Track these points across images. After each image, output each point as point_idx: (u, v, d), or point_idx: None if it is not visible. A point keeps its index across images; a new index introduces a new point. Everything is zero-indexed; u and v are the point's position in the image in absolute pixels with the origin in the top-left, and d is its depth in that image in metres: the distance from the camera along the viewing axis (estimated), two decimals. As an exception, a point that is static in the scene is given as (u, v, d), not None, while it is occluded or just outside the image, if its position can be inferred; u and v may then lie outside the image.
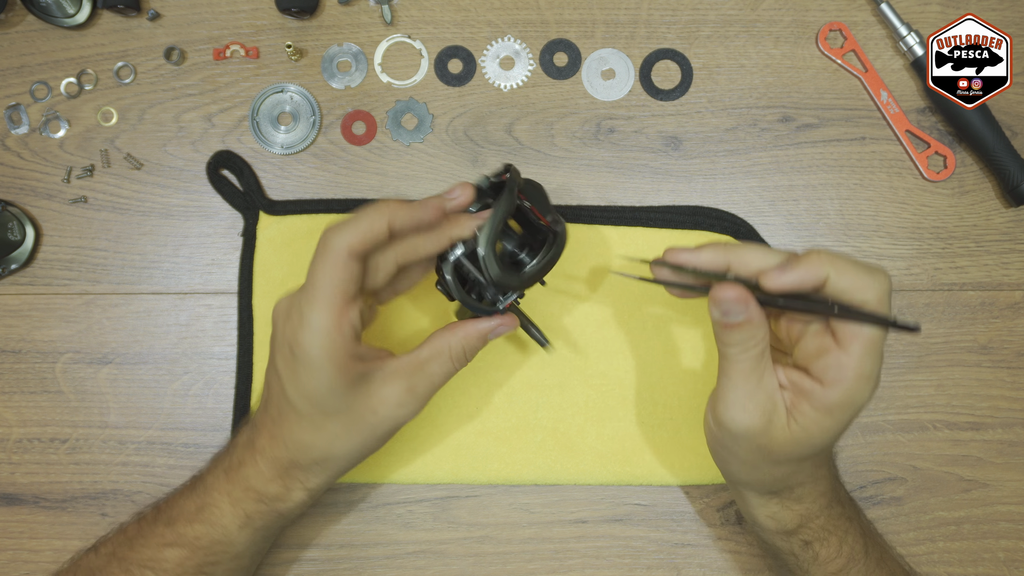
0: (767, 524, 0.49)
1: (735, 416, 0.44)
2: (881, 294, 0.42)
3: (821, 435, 0.43)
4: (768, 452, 0.45)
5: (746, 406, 0.44)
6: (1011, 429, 0.58)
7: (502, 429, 0.57)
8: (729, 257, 0.45)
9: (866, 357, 0.42)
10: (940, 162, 0.59)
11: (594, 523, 0.57)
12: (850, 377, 0.42)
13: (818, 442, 0.44)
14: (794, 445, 0.44)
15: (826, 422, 0.43)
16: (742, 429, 0.44)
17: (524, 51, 0.60)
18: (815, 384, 0.43)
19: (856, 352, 0.42)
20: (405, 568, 0.56)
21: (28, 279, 0.58)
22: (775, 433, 0.44)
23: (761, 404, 0.44)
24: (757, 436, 0.44)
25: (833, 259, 0.42)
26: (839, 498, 0.49)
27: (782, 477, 0.47)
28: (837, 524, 0.49)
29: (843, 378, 0.42)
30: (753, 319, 0.43)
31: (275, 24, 0.60)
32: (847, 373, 0.42)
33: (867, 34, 0.60)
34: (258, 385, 0.57)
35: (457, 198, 0.47)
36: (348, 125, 0.59)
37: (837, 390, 0.42)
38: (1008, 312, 0.58)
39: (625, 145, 0.59)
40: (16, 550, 0.57)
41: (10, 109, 0.59)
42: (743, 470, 0.47)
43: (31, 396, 0.58)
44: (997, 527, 0.57)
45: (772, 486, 0.47)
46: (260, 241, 0.57)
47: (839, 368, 0.42)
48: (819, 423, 0.43)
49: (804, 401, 0.43)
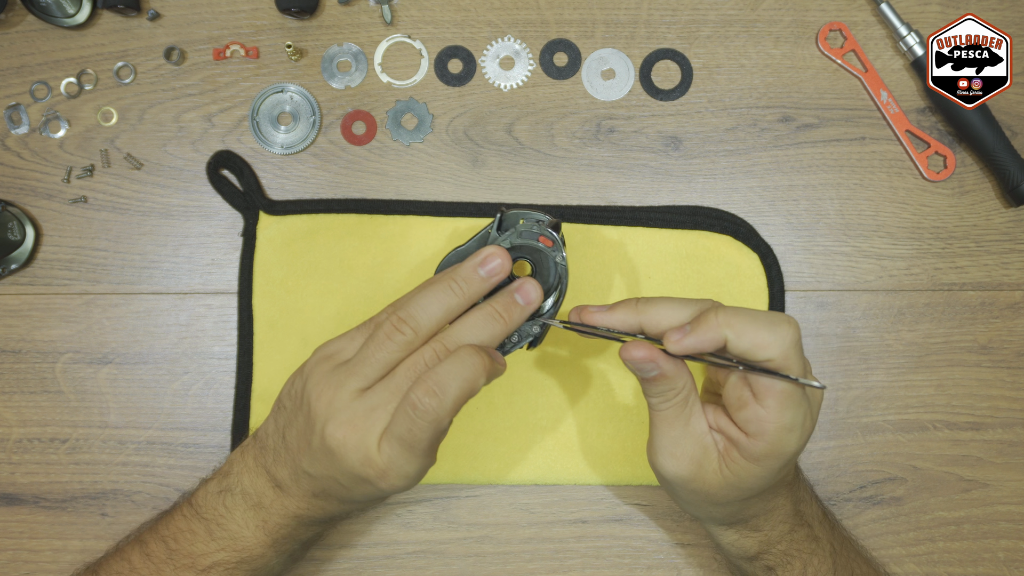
0: (729, 549, 0.50)
1: (664, 464, 0.45)
2: (785, 348, 0.41)
3: (753, 480, 0.44)
4: (705, 495, 0.45)
5: (674, 453, 0.44)
6: (1011, 429, 0.58)
7: (502, 429, 0.57)
8: (640, 318, 0.44)
9: (784, 410, 0.42)
10: (940, 162, 0.59)
11: (594, 523, 0.57)
12: (770, 431, 0.42)
13: (751, 486, 0.44)
14: (729, 489, 0.44)
15: (755, 470, 0.43)
16: (672, 476, 0.45)
17: (524, 51, 0.60)
18: (740, 434, 0.43)
19: (773, 406, 0.42)
20: (405, 568, 0.56)
21: (28, 279, 0.58)
22: (708, 478, 0.44)
23: (689, 451, 0.44)
24: (689, 482, 0.45)
25: (731, 319, 0.41)
26: (804, 520, 0.49)
27: (730, 513, 0.47)
28: (801, 547, 0.48)
29: (764, 431, 0.42)
30: (666, 373, 0.43)
31: (275, 24, 0.60)
32: (767, 427, 0.42)
33: (867, 34, 0.60)
34: (258, 385, 0.57)
35: (498, 275, 0.46)
36: (348, 125, 0.59)
37: (761, 442, 0.42)
38: (1008, 312, 0.58)
39: (625, 145, 0.59)
40: (16, 550, 0.57)
41: (10, 109, 0.59)
42: (690, 507, 0.48)
43: (31, 396, 0.58)
44: (997, 527, 0.57)
45: (723, 520, 0.48)
46: (260, 241, 0.57)
47: (759, 422, 0.42)
48: (749, 470, 0.43)
49: (733, 449, 0.44)
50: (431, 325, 0.44)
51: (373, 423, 0.42)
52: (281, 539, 0.47)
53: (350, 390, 0.43)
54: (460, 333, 0.44)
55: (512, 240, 0.47)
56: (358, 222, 0.58)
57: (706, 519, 0.49)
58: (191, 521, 0.48)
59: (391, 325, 0.44)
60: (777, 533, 0.48)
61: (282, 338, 0.57)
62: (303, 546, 0.49)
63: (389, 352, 0.43)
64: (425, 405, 0.41)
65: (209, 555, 0.47)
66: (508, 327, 0.45)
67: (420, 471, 0.43)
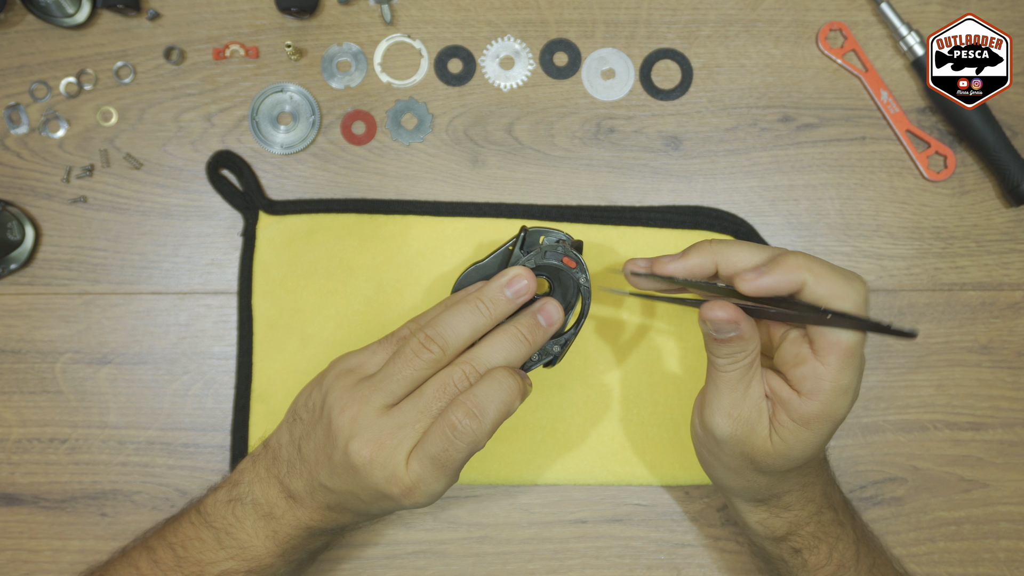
0: (756, 529, 0.49)
1: (719, 423, 0.44)
2: (859, 301, 0.41)
3: (801, 448, 0.43)
4: (751, 460, 0.45)
5: (731, 413, 0.44)
6: (1011, 429, 0.58)
7: (501, 429, 0.56)
8: (716, 258, 0.44)
9: (844, 369, 0.41)
10: (940, 162, 0.59)
11: (594, 523, 0.57)
12: (827, 389, 0.41)
13: (798, 455, 0.43)
14: (775, 458, 0.44)
15: (804, 435, 0.43)
16: (726, 436, 0.44)
17: (524, 51, 0.60)
18: (793, 394, 0.43)
19: (833, 363, 0.41)
20: (405, 568, 0.56)
21: (28, 279, 0.58)
22: (757, 443, 0.44)
23: (745, 414, 0.44)
24: (740, 443, 0.44)
25: (811, 264, 0.41)
26: (831, 504, 0.49)
27: (767, 485, 0.46)
28: (828, 531, 0.48)
29: (820, 390, 0.41)
30: (744, 334, 0.42)
31: (275, 24, 0.60)
32: (824, 385, 0.41)
33: (867, 34, 0.60)
34: (258, 385, 0.57)
35: (523, 296, 0.46)
36: (348, 125, 0.59)
37: (814, 402, 0.42)
38: (1008, 312, 0.58)
39: (625, 145, 0.59)
40: (16, 550, 0.56)
41: (10, 109, 0.59)
42: (728, 476, 0.47)
43: (31, 396, 0.58)
44: (997, 527, 0.57)
45: (758, 494, 0.47)
46: (260, 241, 0.57)
47: (816, 379, 0.41)
48: (798, 435, 0.43)
49: (782, 411, 0.43)
50: (458, 344, 0.44)
51: (400, 441, 0.42)
52: (291, 549, 0.47)
53: (376, 406, 0.43)
54: (488, 354, 0.44)
55: (536, 260, 0.47)
56: (358, 222, 0.58)
57: (741, 493, 0.48)
58: (200, 529, 0.47)
59: (418, 343, 0.44)
60: (807, 513, 0.48)
61: (282, 338, 0.57)
62: (310, 556, 0.49)
63: (416, 369, 0.43)
64: (465, 427, 0.41)
65: (218, 563, 0.46)
66: (532, 348, 0.45)
67: (445, 489, 0.43)
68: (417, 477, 0.42)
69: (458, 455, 0.42)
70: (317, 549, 0.50)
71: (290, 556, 0.48)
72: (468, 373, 0.43)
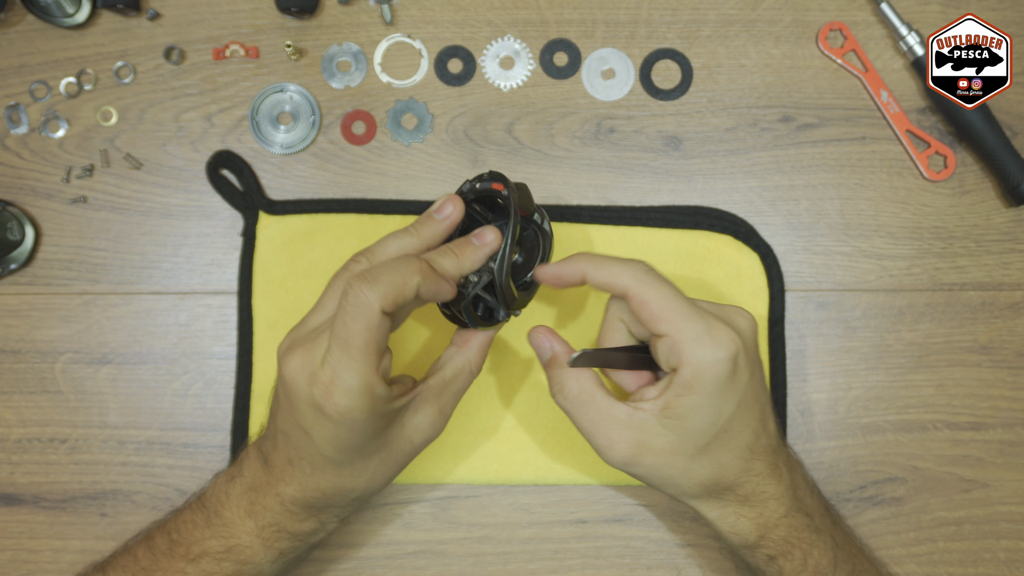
0: (731, 539, 0.49)
1: (610, 457, 0.46)
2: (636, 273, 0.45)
3: (696, 415, 0.44)
4: (665, 462, 0.45)
5: (610, 444, 0.45)
6: (1011, 429, 0.58)
7: (502, 429, 0.57)
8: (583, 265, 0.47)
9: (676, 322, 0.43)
10: (940, 162, 0.59)
11: (594, 523, 0.57)
12: (684, 350, 0.43)
13: (700, 423, 0.44)
14: (681, 438, 0.45)
15: (693, 400, 0.44)
16: (623, 462, 0.45)
17: (524, 51, 0.60)
18: (670, 376, 0.45)
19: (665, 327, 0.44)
20: (405, 568, 0.56)
21: (28, 279, 0.58)
22: (656, 443, 0.45)
23: (621, 433, 0.45)
24: (641, 459, 0.45)
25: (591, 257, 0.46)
26: (803, 508, 0.48)
27: (708, 476, 0.46)
28: (801, 536, 0.48)
29: (679, 353, 0.43)
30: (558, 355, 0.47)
31: (275, 24, 0.60)
32: (678, 347, 0.43)
33: (867, 34, 0.60)
34: (258, 386, 0.57)
35: (450, 216, 0.47)
36: (348, 125, 0.59)
37: (685, 367, 0.43)
38: (1008, 312, 0.58)
39: (625, 145, 0.59)
40: (16, 550, 0.56)
41: (9, 109, 0.59)
42: (668, 486, 0.47)
43: (31, 396, 0.58)
44: (998, 527, 0.57)
45: (708, 487, 0.47)
46: (260, 241, 0.57)
47: (670, 348, 0.44)
48: (687, 403, 0.44)
49: (670, 395, 0.44)
50: (383, 259, 0.45)
51: (319, 345, 0.42)
52: (266, 527, 0.46)
53: (307, 328, 0.45)
54: (385, 246, 0.46)
55: (466, 188, 0.48)
56: (358, 222, 0.58)
57: (691, 493, 0.47)
58: (195, 512, 0.48)
59: (350, 260, 0.46)
60: (772, 514, 0.47)
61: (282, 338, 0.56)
62: (293, 548, 0.48)
63: (343, 281, 0.45)
64: (355, 290, 0.41)
65: (202, 542, 0.46)
66: (460, 261, 0.46)
67: (363, 387, 0.41)
68: (331, 371, 0.41)
69: (353, 324, 0.41)
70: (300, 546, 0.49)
71: (267, 537, 0.47)
72: (368, 258, 0.46)
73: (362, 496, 0.47)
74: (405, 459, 0.47)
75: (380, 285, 0.41)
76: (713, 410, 0.44)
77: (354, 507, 0.48)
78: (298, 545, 0.48)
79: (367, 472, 0.46)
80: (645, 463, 0.45)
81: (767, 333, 0.57)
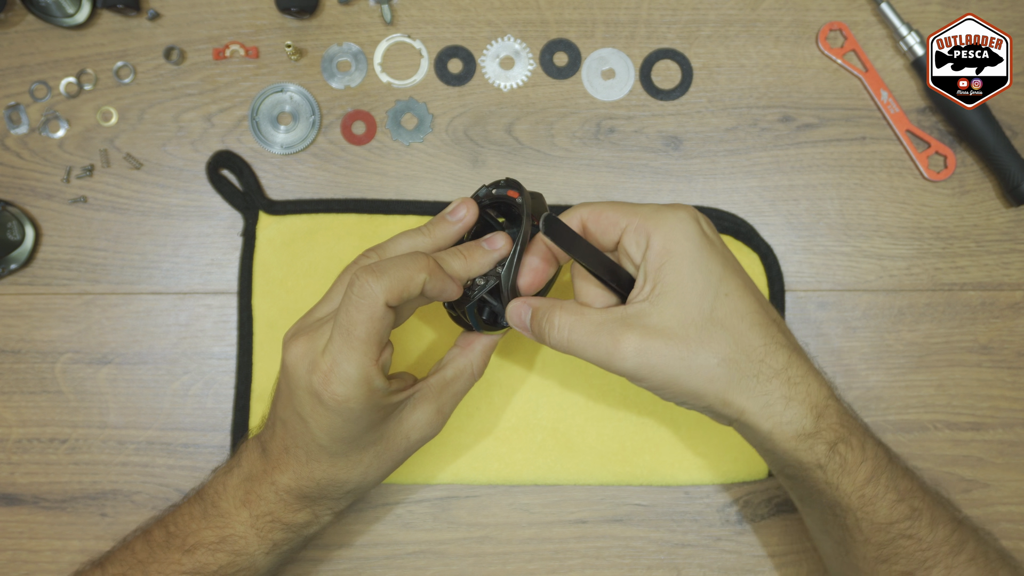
0: (784, 435, 0.43)
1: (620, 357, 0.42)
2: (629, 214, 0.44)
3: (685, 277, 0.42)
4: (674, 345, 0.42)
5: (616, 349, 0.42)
6: (1011, 429, 0.58)
7: (502, 429, 0.57)
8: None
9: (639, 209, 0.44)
10: (940, 162, 0.59)
11: (594, 523, 0.57)
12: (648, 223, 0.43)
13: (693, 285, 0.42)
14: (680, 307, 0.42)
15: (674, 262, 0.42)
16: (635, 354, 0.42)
17: (524, 51, 0.60)
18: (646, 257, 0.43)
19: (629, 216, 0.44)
20: (405, 568, 0.56)
21: (28, 279, 0.58)
22: (657, 323, 0.42)
23: (622, 334, 0.42)
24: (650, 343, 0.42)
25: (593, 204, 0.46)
26: (842, 406, 0.45)
27: (729, 348, 0.42)
28: (848, 422, 0.44)
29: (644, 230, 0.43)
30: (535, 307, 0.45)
31: (275, 24, 0.60)
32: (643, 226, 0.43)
33: (867, 34, 0.60)
34: (258, 386, 0.57)
35: (463, 219, 0.47)
36: (348, 125, 0.59)
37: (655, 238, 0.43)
38: (1008, 312, 0.58)
39: (625, 145, 0.59)
40: (16, 550, 0.56)
41: (10, 109, 0.59)
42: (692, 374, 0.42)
43: (31, 396, 0.58)
44: (997, 527, 0.57)
45: (737, 365, 0.42)
46: (260, 241, 0.57)
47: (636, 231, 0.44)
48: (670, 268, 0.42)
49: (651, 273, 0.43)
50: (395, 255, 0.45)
51: (323, 334, 0.43)
52: (261, 516, 0.46)
53: (311, 319, 0.45)
54: (396, 243, 0.47)
55: (481, 194, 0.48)
56: (358, 222, 0.58)
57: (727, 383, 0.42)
58: (193, 504, 0.48)
59: (360, 255, 0.46)
60: (819, 393, 0.43)
61: (281, 338, 0.57)
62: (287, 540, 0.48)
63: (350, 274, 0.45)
64: (361, 281, 0.41)
65: (197, 533, 0.47)
66: (468, 263, 0.46)
67: (361, 377, 0.41)
68: (331, 359, 0.41)
69: (357, 315, 0.41)
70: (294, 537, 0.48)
71: (261, 527, 0.47)
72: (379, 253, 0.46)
73: (356, 489, 0.47)
74: (401, 455, 0.47)
75: (386, 278, 0.41)
76: (700, 268, 0.42)
77: (348, 500, 0.48)
78: (291, 537, 0.48)
79: (361, 465, 0.46)
80: (659, 351, 0.41)
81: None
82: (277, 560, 0.49)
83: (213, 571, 0.46)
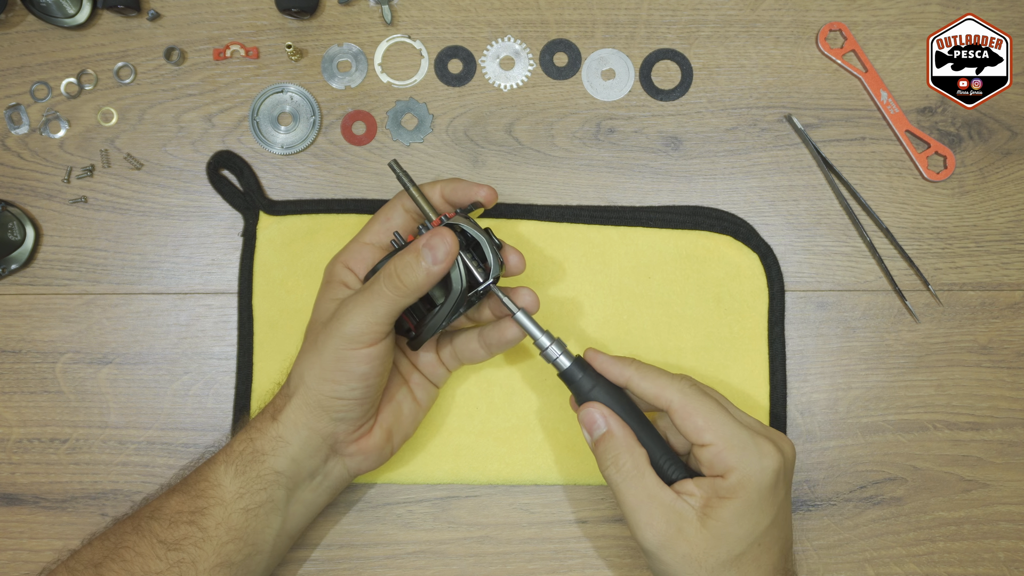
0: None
1: (644, 535, 0.45)
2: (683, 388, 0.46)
3: (736, 521, 0.44)
4: (695, 559, 0.45)
5: (648, 521, 0.45)
6: (1011, 429, 0.58)
7: (502, 429, 0.57)
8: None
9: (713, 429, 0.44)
10: (940, 162, 0.59)
11: (594, 523, 0.57)
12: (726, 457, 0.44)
13: (737, 530, 0.44)
14: (716, 538, 0.44)
15: (735, 505, 0.44)
16: (656, 545, 0.45)
17: (524, 51, 0.60)
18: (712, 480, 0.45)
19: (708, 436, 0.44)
20: (405, 568, 0.56)
21: (28, 279, 0.58)
22: (692, 536, 0.44)
23: (661, 514, 0.45)
24: (675, 545, 0.45)
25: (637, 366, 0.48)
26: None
27: None
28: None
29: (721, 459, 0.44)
30: (613, 431, 0.46)
31: (275, 24, 0.60)
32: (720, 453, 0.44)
33: (867, 34, 0.60)
34: (258, 385, 0.57)
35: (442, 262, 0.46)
36: (348, 125, 0.59)
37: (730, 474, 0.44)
38: (1008, 312, 0.58)
39: (625, 145, 0.59)
40: (16, 550, 0.56)
41: (10, 109, 0.59)
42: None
43: (31, 396, 0.58)
44: (997, 527, 0.57)
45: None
46: (260, 241, 0.57)
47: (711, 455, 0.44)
48: (729, 507, 0.44)
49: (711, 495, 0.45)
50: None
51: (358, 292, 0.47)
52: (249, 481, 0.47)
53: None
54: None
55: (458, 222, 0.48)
56: (358, 222, 0.58)
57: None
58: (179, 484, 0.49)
59: None
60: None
61: (282, 338, 0.57)
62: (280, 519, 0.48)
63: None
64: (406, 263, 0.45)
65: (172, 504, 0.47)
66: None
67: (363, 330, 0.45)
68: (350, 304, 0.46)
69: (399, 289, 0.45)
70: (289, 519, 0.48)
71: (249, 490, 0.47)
72: None
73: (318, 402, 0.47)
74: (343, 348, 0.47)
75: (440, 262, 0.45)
76: (752, 519, 0.44)
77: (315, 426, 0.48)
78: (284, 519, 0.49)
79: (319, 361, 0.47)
80: (678, 550, 0.45)
81: (767, 333, 0.57)
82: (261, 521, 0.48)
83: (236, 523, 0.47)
